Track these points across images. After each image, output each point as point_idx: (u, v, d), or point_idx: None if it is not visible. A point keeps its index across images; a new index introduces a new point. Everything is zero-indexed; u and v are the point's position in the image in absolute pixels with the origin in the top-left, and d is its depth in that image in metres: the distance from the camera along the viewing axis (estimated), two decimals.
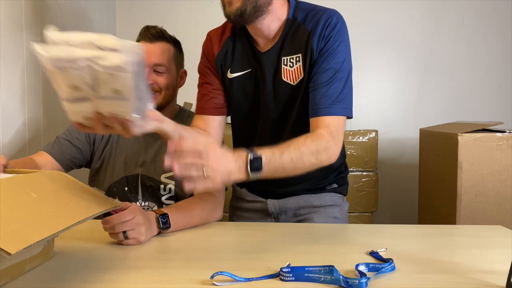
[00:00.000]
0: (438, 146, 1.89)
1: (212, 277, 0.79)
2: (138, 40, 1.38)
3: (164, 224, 1.08)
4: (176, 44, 1.42)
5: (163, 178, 1.36)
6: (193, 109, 2.26)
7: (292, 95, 1.16)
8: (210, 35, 1.27)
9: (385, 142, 2.47)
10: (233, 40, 1.22)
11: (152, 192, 1.36)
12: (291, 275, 0.80)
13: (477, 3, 2.47)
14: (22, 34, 1.47)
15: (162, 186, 1.35)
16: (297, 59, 1.12)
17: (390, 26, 2.49)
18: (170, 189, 1.36)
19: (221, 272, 0.80)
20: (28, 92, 1.51)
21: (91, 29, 2.09)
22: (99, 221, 1.29)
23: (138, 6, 2.48)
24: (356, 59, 2.45)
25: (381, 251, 0.96)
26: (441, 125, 2.06)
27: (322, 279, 0.79)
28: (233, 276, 0.79)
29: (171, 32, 1.42)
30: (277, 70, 1.16)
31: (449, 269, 0.88)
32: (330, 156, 1.03)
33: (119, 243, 1.02)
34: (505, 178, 1.68)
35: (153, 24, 1.39)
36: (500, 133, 1.69)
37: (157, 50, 1.34)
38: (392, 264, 0.87)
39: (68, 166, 1.35)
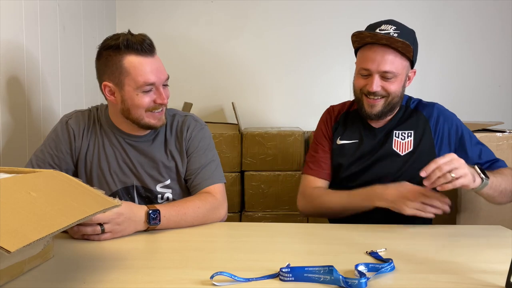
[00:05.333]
0: None
1: (211, 277, 0.79)
2: (127, 53, 1.20)
3: (152, 220, 1.07)
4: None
5: (158, 188, 1.32)
6: (193, 109, 2.27)
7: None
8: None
9: None
10: (345, 116, 1.47)
11: (149, 202, 1.31)
12: (290, 275, 0.80)
13: (477, 3, 2.47)
14: (22, 34, 1.47)
15: (159, 196, 1.32)
16: (409, 134, 1.36)
17: None
18: (167, 197, 1.32)
19: (220, 272, 0.80)
20: (28, 92, 1.51)
21: (91, 29, 2.09)
22: None
23: (138, 7, 2.48)
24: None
25: (380, 251, 0.96)
26: None
27: (322, 279, 0.79)
28: (232, 276, 0.79)
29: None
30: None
31: (449, 269, 0.88)
32: None
33: (94, 239, 1.03)
34: None
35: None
36: (500, 133, 1.69)
37: (161, 65, 1.25)
38: (392, 264, 0.87)
39: None
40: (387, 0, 2.47)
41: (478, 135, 1.67)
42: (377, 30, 1.28)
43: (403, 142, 1.35)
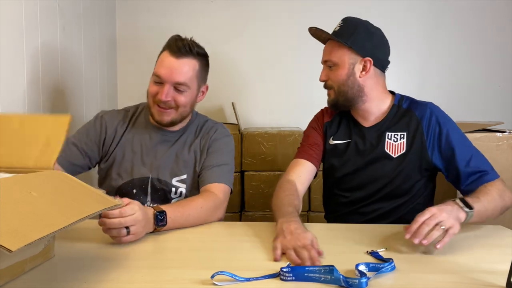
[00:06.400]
0: None
1: (212, 276, 0.79)
2: (164, 49, 1.34)
3: (160, 222, 1.08)
4: (202, 58, 1.37)
5: (174, 181, 1.35)
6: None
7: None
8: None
9: None
10: (340, 115, 1.45)
11: (162, 195, 1.34)
12: (291, 274, 0.80)
13: (477, 3, 2.47)
14: (22, 34, 1.47)
15: (173, 189, 1.35)
16: (402, 136, 1.33)
17: (390, 26, 2.47)
18: (181, 192, 1.35)
19: (221, 271, 0.80)
20: (28, 93, 1.51)
21: (91, 29, 2.09)
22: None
23: (138, 7, 2.48)
24: None
25: (381, 251, 0.96)
26: None
27: (322, 278, 0.80)
28: (233, 276, 0.79)
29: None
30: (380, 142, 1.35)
31: (449, 269, 0.88)
32: None
33: (117, 242, 1.02)
34: (505, 178, 1.67)
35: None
36: (500, 133, 1.69)
37: (181, 68, 1.30)
38: (392, 264, 0.87)
39: (72, 171, 1.31)
40: (387, 0, 2.47)
41: (478, 135, 1.68)
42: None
43: (395, 144, 1.32)
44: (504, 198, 1.19)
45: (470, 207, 1.05)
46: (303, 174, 1.37)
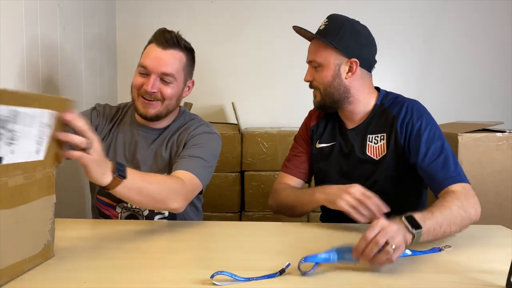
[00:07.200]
0: None
1: (212, 276, 0.79)
2: (150, 42, 1.32)
3: (119, 171, 0.95)
4: (189, 53, 1.35)
5: None
6: (193, 109, 2.27)
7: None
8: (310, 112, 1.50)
9: None
10: (326, 117, 1.42)
11: None
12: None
13: (477, 3, 2.47)
14: (22, 34, 1.47)
15: None
16: (382, 137, 1.29)
17: (390, 26, 2.49)
18: None
19: (221, 271, 0.80)
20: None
21: (91, 29, 2.09)
22: (100, 221, 1.30)
23: (138, 6, 2.48)
24: None
25: None
26: (441, 125, 2.04)
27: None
28: (233, 276, 0.79)
29: None
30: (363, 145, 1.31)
31: (449, 269, 0.88)
32: (478, 211, 1.08)
33: (72, 155, 0.86)
34: (505, 178, 1.68)
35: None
36: (500, 133, 1.69)
37: (168, 59, 1.28)
38: None
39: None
40: (387, 0, 2.47)
41: (478, 135, 1.68)
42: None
43: (376, 147, 1.28)
44: (467, 209, 1.05)
45: (417, 226, 0.92)
46: (296, 186, 1.40)
